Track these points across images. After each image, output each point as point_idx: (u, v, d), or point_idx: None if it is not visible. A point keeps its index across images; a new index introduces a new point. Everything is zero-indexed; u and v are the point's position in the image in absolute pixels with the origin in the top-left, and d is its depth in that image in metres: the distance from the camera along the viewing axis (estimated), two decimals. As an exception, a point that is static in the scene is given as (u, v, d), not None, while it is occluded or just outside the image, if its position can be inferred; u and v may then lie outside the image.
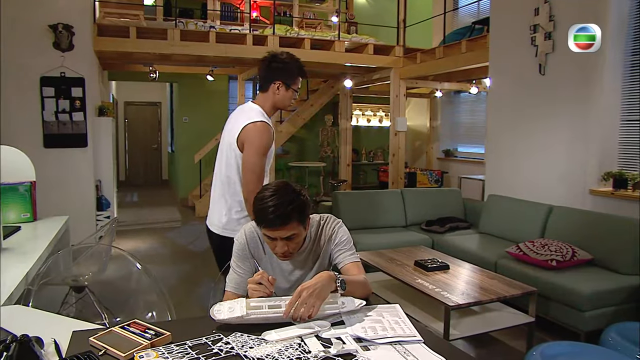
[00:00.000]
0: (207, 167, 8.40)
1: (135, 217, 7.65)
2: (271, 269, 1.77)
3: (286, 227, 1.56)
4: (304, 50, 6.38)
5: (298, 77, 2.31)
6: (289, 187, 1.61)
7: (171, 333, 1.33)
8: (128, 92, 10.95)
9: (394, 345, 1.35)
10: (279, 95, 2.28)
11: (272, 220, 1.54)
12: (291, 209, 1.55)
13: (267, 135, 2.21)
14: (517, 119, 4.57)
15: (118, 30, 5.63)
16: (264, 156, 2.21)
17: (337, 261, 1.77)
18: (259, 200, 1.57)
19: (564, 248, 3.39)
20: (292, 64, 2.28)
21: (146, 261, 5.02)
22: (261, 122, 2.21)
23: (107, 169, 5.66)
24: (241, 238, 1.75)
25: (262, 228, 1.59)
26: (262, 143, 2.19)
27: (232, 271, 1.74)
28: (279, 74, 2.26)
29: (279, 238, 1.58)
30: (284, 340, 1.36)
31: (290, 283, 1.77)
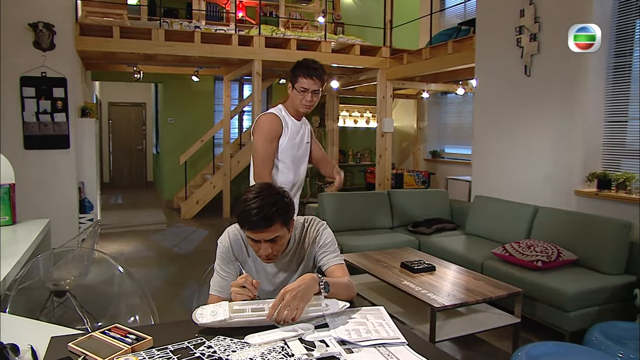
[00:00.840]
0: (192, 168, 8.33)
1: (119, 219, 7.54)
2: (255, 272, 1.75)
3: (270, 230, 1.54)
4: (290, 51, 6.36)
5: (299, 76, 2.40)
6: (272, 189, 1.60)
7: (153, 337, 1.32)
8: (112, 93, 10.81)
9: (377, 347, 1.35)
10: (291, 94, 2.47)
11: (255, 222, 1.52)
12: (274, 210, 1.53)
13: (270, 124, 2.43)
14: (503, 120, 4.59)
15: (101, 30, 5.55)
16: (269, 143, 2.42)
17: (322, 263, 1.76)
18: (242, 202, 1.55)
19: (549, 249, 3.41)
20: (295, 65, 2.44)
21: (130, 264, 5.00)
22: (270, 113, 2.46)
23: (90, 170, 5.57)
24: (225, 241, 1.73)
25: (245, 230, 1.58)
26: (265, 130, 2.42)
27: (216, 274, 1.72)
28: (289, 75, 2.46)
29: (263, 240, 1.57)
30: (267, 343, 1.35)
31: (274, 286, 1.76)
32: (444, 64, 5.79)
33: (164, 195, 8.78)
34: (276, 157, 2.48)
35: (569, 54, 3.85)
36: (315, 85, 2.39)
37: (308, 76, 2.39)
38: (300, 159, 2.58)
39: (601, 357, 2.12)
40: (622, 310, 3.13)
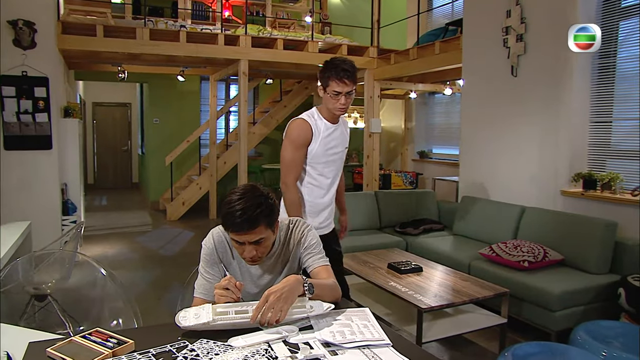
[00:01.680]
0: (178, 169, 8.24)
1: (103, 221, 7.43)
2: (240, 274, 1.73)
3: (254, 231, 1.53)
4: (276, 51, 6.32)
5: (330, 79, 2.29)
6: (257, 191, 1.57)
7: (135, 341, 1.31)
8: (96, 93, 10.66)
9: (362, 349, 1.35)
10: (322, 97, 2.38)
11: (239, 224, 1.50)
12: (259, 212, 1.52)
13: (302, 130, 2.35)
14: (490, 120, 4.60)
15: (84, 28, 5.46)
16: (297, 149, 2.36)
17: (307, 265, 1.75)
18: (226, 204, 1.53)
19: (535, 249, 3.41)
20: (325, 67, 2.33)
21: (115, 267, 4.93)
22: (300, 118, 2.39)
23: (74, 172, 5.48)
24: (209, 243, 1.71)
25: (229, 232, 1.56)
26: (293, 136, 2.36)
27: (200, 277, 1.71)
28: (319, 77, 2.36)
29: (247, 242, 1.55)
30: (251, 346, 1.34)
31: (259, 288, 1.74)
32: (431, 64, 5.79)
33: (150, 196, 8.68)
34: (306, 164, 2.42)
35: (554, 54, 3.89)
36: (347, 87, 2.27)
37: (339, 79, 2.27)
38: (336, 162, 2.48)
39: (586, 356, 2.13)
40: (607, 310, 3.15)
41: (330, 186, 2.51)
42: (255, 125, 8.16)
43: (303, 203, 2.44)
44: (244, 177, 6.26)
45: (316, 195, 2.46)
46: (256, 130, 8.08)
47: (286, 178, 2.39)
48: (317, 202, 2.47)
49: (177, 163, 8.12)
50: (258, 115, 8.82)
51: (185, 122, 8.40)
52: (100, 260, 4.90)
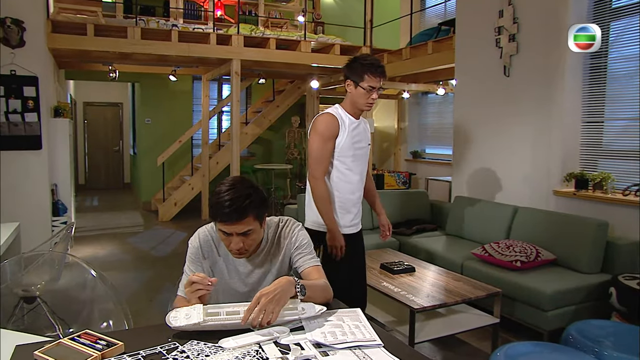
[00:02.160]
0: (170, 169, 8.19)
1: (95, 222, 7.37)
2: (227, 272, 1.72)
3: (242, 222, 1.52)
4: (269, 50, 6.30)
5: (366, 74, 2.33)
6: (246, 182, 1.59)
7: (124, 343, 1.30)
8: (87, 92, 10.57)
9: (353, 350, 1.35)
10: (351, 93, 2.40)
11: (228, 214, 1.50)
12: (248, 203, 1.52)
13: (329, 123, 2.37)
14: (483, 120, 4.61)
15: (74, 27, 5.41)
16: (325, 142, 2.36)
17: (297, 265, 1.74)
18: (216, 194, 1.54)
19: (528, 249, 3.42)
20: (357, 62, 2.37)
21: (106, 268, 4.88)
22: (326, 113, 2.41)
23: (64, 172, 5.43)
24: (194, 242, 1.71)
25: (217, 223, 1.55)
26: (320, 129, 2.37)
27: (184, 275, 1.70)
28: (348, 73, 2.39)
29: (235, 233, 1.54)
30: (242, 347, 1.34)
31: (248, 286, 1.73)
32: (424, 64, 5.79)
33: (142, 197, 8.62)
34: (334, 158, 2.41)
35: (547, 54, 3.90)
36: (379, 83, 2.35)
37: (376, 74, 2.33)
38: (361, 157, 2.49)
39: (577, 356, 2.13)
40: (599, 309, 3.16)
41: (359, 183, 2.50)
42: (247, 125, 8.12)
43: (332, 199, 2.42)
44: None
45: (346, 191, 2.45)
46: (249, 130, 8.05)
47: (315, 171, 2.37)
48: (348, 198, 2.45)
49: (169, 163, 8.07)
50: (250, 115, 8.79)
51: (177, 122, 8.35)
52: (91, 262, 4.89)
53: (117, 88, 10.49)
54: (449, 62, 5.16)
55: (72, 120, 6.57)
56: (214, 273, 1.72)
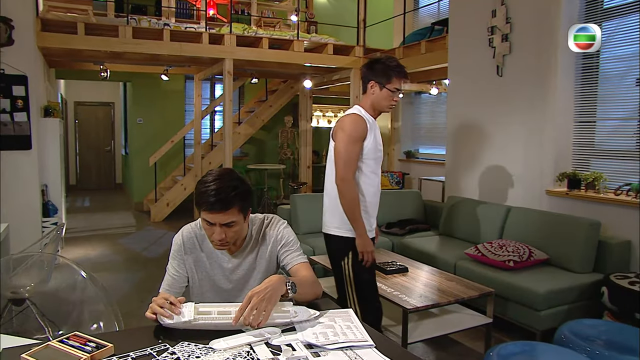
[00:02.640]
0: (162, 170, 8.13)
1: (86, 222, 7.30)
2: (210, 269, 1.73)
3: (227, 212, 1.53)
4: (261, 50, 6.27)
5: (393, 77, 2.35)
6: (234, 174, 1.60)
7: (114, 344, 1.29)
8: (78, 92, 10.49)
9: (344, 350, 1.35)
10: (374, 95, 2.38)
11: (212, 203, 1.51)
12: (234, 194, 1.53)
13: (358, 124, 2.32)
14: (476, 120, 4.61)
15: (64, 26, 5.35)
16: (354, 144, 2.30)
17: (285, 262, 1.74)
18: (202, 183, 1.55)
19: (521, 248, 3.42)
20: (383, 64, 2.37)
21: (97, 269, 4.83)
22: (354, 113, 2.37)
23: (55, 172, 5.37)
24: (178, 239, 1.73)
25: (202, 211, 1.56)
26: (352, 129, 2.31)
27: (167, 272, 1.73)
28: (372, 74, 2.37)
29: (218, 224, 1.55)
30: (233, 348, 1.33)
31: (232, 283, 1.73)
32: (417, 64, 5.79)
33: (134, 197, 8.56)
34: (360, 160, 2.36)
35: (539, 54, 3.91)
36: (403, 85, 2.38)
37: (402, 76, 2.37)
38: (380, 160, 2.48)
39: (569, 355, 2.13)
40: (591, 308, 3.16)
41: (379, 186, 2.48)
42: (240, 125, 8.09)
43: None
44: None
45: (370, 194, 2.41)
46: (241, 130, 8.01)
47: (345, 173, 2.30)
48: (371, 202, 2.42)
49: (161, 163, 8.02)
50: (243, 115, 8.75)
51: (170, 121, 8.30)
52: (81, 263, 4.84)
53: (108, 87, 10.42)
54: (442, 62, 5.16)
55: (62, 120, 6.50)
56: (196, 269, 1.72)
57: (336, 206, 2.36)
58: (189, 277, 1.74)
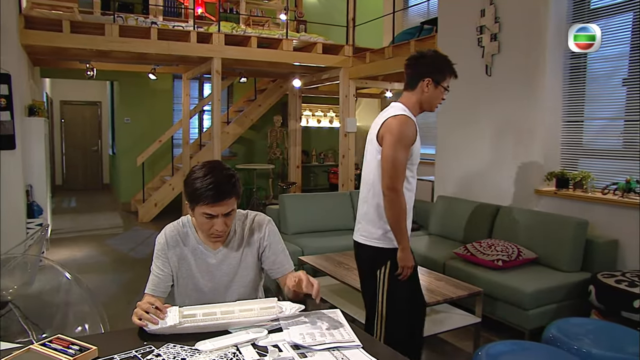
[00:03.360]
0: (150, 170, 8.06)
1: (72, 223, 7.21)
2: (194, 264, 1.72)
3: (228, 202, 1.56)
4: (250, 49, 6.23)
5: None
6: (222, 164, 1.63)
7: (99, 347, 1.28)
8: (64, 91, 10.36)
9: (331, 351, 1.35)
10: (427, 93, 2.20)
11: (213, 196, 1.53)
12: (234, 181, 1.57)
13: (409, 127, 2.12)
14: (465, 119, 4.61)
15: (49, 24, 5.26)
16: (405, 149, 2.11)
17: (274, 267, 1.76)
18: (197, 179, 1.55)
19: (509, 248, 3.43)
20: (441, 60, 2.22)
21: (83, 270, 4.76)
22: (403, 115, 2.15)
23: (39, 172, 5.29)
24: (161, 238, 1.72)
25: (202, 206, 1.56)
26: (403, 134, 2.10)
27: (152, 272, 1.72)
28: (429, 70, 2.19)
29: (220, 215, 1.57)
30: (219, 349, 1.33)
31: (216, 280, 1.73)
32: (406, 64, 5.77)
33: (121, 197, 8.47)
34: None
35: (528, 54, 3.92)
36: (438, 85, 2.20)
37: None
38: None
39: (556, 354, 2.13)
40: (578, 307, 3.18)
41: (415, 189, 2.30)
42: (229, 125, 8.03)
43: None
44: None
45: (410, 201, 2.23)
46: (230, 129, 7.96)
47: (395, 183, 2.09)
48: (410, 209, 2.22)
49: (149, 163, 7.95)
50: (232, 115, 8.70)
51: (158, 121, 8.22)
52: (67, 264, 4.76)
53: (95, 86, 10.30)
54: (431, 62, 5.15)
55: (47, 120, 6.40)
56: (180, 266, 1.71)
57: (377, 216, 2.18)
58: (173, 276, 1.72)
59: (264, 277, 1.85)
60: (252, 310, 1.48)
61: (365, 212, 2.24)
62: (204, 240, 1.70)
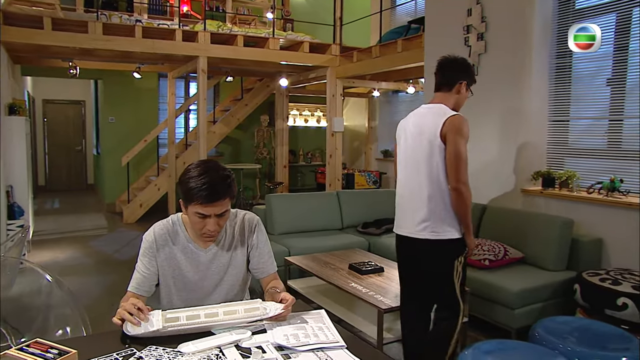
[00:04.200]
0: (135, 170, 7.95)
1: (55, 225, 7.08)
2: (184, 263, 1.69)
3: (222, 203, 1.55)
4: (236, 48, 6.19)
5: (474, 79, 2.47)
6: (218, 164, 1.61)
7: (78, 350, 1.26)
8: (47, 90, 10.16)
9: (315, 352, 1.35)
10: (461, 94, 2.40)
11: (208, 196, 1.51)
12: (229, 182, 1.56)
13: (467, 125, 2.30)
14: (450, 119, 4.61)
15: (29, 20, 5.16)
16: (466, 146, 2.28)
17: (259, 267, 1.78)
18: (193, 178, 1.53)
19: (496, 247, 3.43)
20: (470, 66, 2.48)
21: (66, 273, 4.67)
22: (459, 114, 2.32)
23: (21, 173, 5.19)
24: (149, 236, 1.70)
25: (195, 205, 1.54)
26: (465, 131, 2.29)
27: (136, 270, 1.70)
28: (465, 74, 2.41)
29: (213, 215, 1.55)
30: (202, 351, 1.32)
31: (207, 278, 1.72)
32: (393, 63, 5.78)
33: (105, 198, 8.35)
34: None
35: (514, 53, 3.93)
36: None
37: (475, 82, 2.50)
38: None
39: (541, 353, 2.16)
40: (564, 306, 3.19)
41: None
42: (215, 124, 7.96)
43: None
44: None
45: None
46: (216, 129, 7.89)
47: (465, 177, 2.28)
48: None
49: (134, 163, 7.84)
50: (218, 114, 8.62)
51: (143, 120, 8.11)
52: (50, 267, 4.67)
53: (78, 85, 10.14)
54: (419, 61, 5.16)
55: (29, 119, 6.28)
56: (168, 266, 1.69)
57: (446, 210, 2.30)
58: (159, 276, 1.70)
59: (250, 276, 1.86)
60: (236, 312, 1.48)
61: (433, 210, 2.30)
62: (194, 238, 1.69)
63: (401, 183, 2.49)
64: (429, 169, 2.31)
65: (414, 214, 2.35)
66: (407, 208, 2.42)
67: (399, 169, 2.53)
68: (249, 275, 1.83)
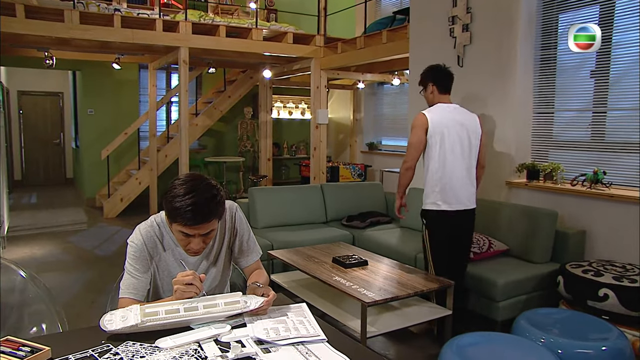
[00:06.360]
0: (115, 163, 7.78)
1: (32, 220, 6.90)
2: (176, 264, 1.66)
3: (208, 224, 1.49)
4: (218, 38, 6.07)
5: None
6: (206, 181, 1.52)
7: (52, 347, 1.24)
8: (23, 81, 9.86)
9: (296, 346, 1.34)
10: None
11: (192, 218, 1.45)
12: (214, 205, 1.48)
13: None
14: (435, 111, 4.57)
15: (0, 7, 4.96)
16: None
17: (244, 256, 1.78)
18: (177, 197, 1.46)
19: (481, 240, 3.42)
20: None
21: (43, 269, 4.55)
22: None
23: (-6, 166, 5.02)
24: (137, 240, 1.63)
25: (179, 225, 1.49)
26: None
27: (129, 276, 1.62)
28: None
29: (197, 235, 1.51)
30: (180, 346, 1.30)
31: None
32: (378, 54, 5.72)
33: (85, 192, 8.17)
34: None
35: (499, 45, 3.90)
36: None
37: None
38: None
39: (525, 344, 2.18)
40: (548, 297, 3.20)
41: None
42: (197, 117, 7.83)
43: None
44: (186, 170, 5.99)
45: None
46: (199, 121, 7.76)
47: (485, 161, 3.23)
48: None
49: (115, 157, 7.68)
50: (201, 106, 8.49)
51: (123, 113, 7.94)
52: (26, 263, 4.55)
53: (56, 76, 9.88)
54: (404, 52, 5.11)
55: (3, 111, 6.09)
56: (158, 269, 1.67)
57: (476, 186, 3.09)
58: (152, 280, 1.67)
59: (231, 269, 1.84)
60: (216, 305, 1.45)
61: (473, 185, 3.06)
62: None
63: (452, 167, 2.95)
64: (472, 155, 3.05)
65: (469, 192, 3.02)
66: (461, 186, 2.97)
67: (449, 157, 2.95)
68: (230, 267, 1.82)
